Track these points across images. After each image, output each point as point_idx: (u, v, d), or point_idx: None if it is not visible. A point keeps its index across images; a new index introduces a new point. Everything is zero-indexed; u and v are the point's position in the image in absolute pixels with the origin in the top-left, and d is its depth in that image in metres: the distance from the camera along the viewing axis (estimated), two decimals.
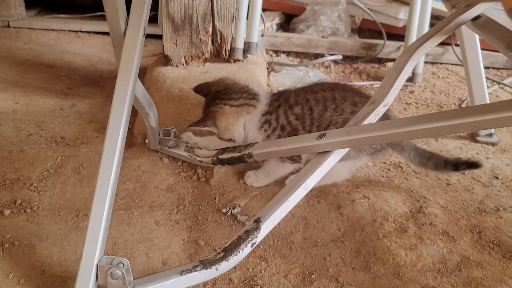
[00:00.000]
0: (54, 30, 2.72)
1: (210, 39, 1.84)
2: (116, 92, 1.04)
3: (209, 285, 1.07)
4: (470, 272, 1.14)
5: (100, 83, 2.13)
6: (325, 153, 1.18)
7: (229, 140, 1.40)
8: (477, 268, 1.16)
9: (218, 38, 1.85)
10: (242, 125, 1.37)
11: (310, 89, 1.37)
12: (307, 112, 1.32)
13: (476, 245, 1.24)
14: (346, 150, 1.20)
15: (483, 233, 1.28)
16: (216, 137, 1.43)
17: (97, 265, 0.91)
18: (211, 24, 1.80)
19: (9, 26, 2.70)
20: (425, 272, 1.14)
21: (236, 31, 1.87)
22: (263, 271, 1.12)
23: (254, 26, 1.94)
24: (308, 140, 1.21)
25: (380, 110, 1.24)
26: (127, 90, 1.03)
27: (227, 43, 1.87)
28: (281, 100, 1.36)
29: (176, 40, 1.80)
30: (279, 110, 1.34)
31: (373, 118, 1.23)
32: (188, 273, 0.99)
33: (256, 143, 1.35)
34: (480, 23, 1.33)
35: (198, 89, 1.45)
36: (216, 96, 1.38)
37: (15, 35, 2.62)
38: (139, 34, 1.05)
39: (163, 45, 1.82)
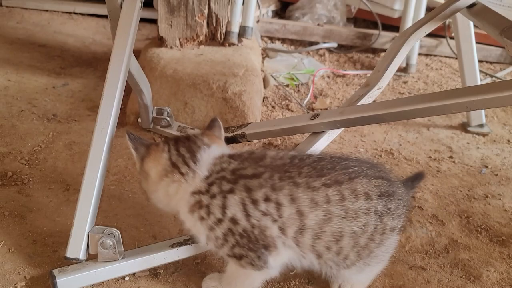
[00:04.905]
0: (47, 11, 2.69)
1: (205, 21, 1.83)
2: (111, 64, 1.03)
3: (199, 260, 1.08)
4: (458, 254, 1.16)
5: (94, 64, 2.12)
6: (318, 133, 1.19)
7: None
8: (464, 250, 1.18)
9: (214, 21, 1.84)
10: (165, 191, 0.92)
11: (299, 181, 0.86)
12: (291, 214, 0.85)
13: (464, 229, 1.26)
14: (339, 131, 1.20)
15: (471, 218, 1.30)
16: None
17: (88, 234, 0.91)
18: (207, 6, 1.79)
19: (1, 5, 2.66)
20: (414, 253, 1.16)
21: (231, 14, 1.86)
22: None
23: (250, 10, 1.93)
24: (302, 120, 1.22)
25: (374, 93, 1.25)
26: (122, 62, 1.03)
27: (222, 26, 1.86)
28: (239, 182, 0.86)
29: (171, 22, 1.79)
30: (231, 196, 0.86)
31: (367, 100, 1.24)
32: (179, 246, 1.00)
33: (250, 123, 1.36)
34: (476, 10, 1.34)
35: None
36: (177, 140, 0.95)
37: (7, 14, 2.59)
38: (135, 7, 1.05)
39: (157, 26, 1.80)
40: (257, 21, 2.31)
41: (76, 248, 0.90)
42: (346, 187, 0.86)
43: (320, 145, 1.17)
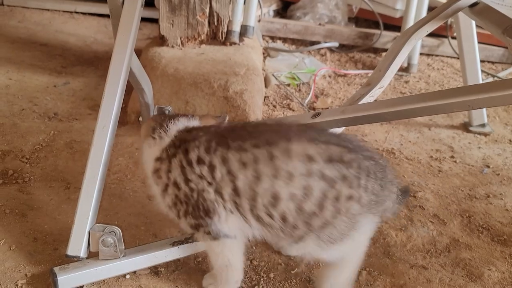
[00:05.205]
0: (48, 10, 2.69)
1: (206, 20, 1.83)
2: (113, 62, 1.03)
3: (200, 258, 1.07)
4: (459, 253, 1.16)
5: (95, 63, 2.12)
6: None
7: None
8: (465, 249, 1.17)
9: (215, 20, 1.84)
10: (144, 152, 0.97)
11: (232, 144, 0.86)
12: (223, 176, 0.86)
13: (466, 229, 1.25)
14: (340, 130, 1.20)
15: (472, 218, 1.29)
16: None
17: (89, 232, 0.91)
18: (208, 5, 1.79)
19: (3, 4, 2.66)
20: (415, 252, 1.16)
21: (233, 13, 1.86)
22: (254, 247, 1.13)
23: (251, 10, 1.93)
24: (303, 119, 1.21)
25: (375, 92, 1.25)
26: (123, 60, 1.02)
27: (223, 25, 1.86)
28: (181, 146, 0.90)
29: (173, 21, 1.79)
30: (173, 160, 0.90)
31: (368, 99, 1.24)
32: (180, 244, 0.99)
33: (250, 122, 1.35)
34: (478, 9, 1.33)
35: None
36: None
37: (9, 13, 2.59)
38: (137, 5, 1.04)
39: (159, 25, 1.81)
40: (259, 21, 2.31)
41: (77, 246, 0.90)
42: (278, 147, 0.84)
43: None
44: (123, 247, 0.95)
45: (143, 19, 2.49)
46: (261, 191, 0.84)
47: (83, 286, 0.95)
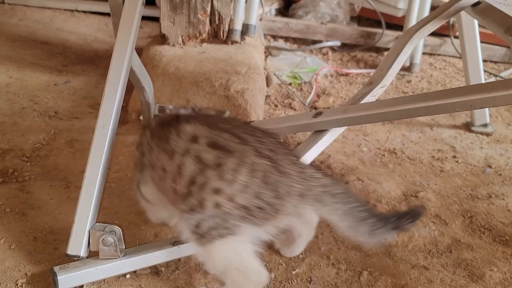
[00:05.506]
0: (49, 8, 2.69)
1: (208, 19, 1.82)
2: (113, 61, 1.03)
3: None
4: (460, 253, 1.15)
5: (95, 61, 2.11)
6: (320, 131, 1.18)
7: None
8: (467, 250, 1.17)
9: (216, 18, 1.84)
10: None
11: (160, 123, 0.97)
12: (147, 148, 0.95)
13: (467, 229, 1.25)
14: (342, 129, 1.19)
15: (474, 218, 1.29)
16: None
17: (89, 231, 0.91)
18: (210, 4, 1.79)
19: (3, 3, 2.66)
20: (416, 253, 1.15)
21: (234, 12, 1.86)
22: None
23: (253, 8, 1.93)
24: (304, 118, 1.21)
25: (377, 91, 1.24)
26: (124, 58, 1.02)
27: (225, 24, 1.86)
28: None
29: (174, 19, 1.78)
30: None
31: (370, 98, 1.23)
32: (181, 244, 0.99)
33: (252, 121, 1.35)
34: (480, 9, 1.32)
35: None
36: None
37: (9, 11, 2.59)
38: (138, 3, 1.04)
39: (160, 24, 1.80)
40: (260, 19, 2.30)
41: (77, 245, 0.90)
42: (176, 127, 0.88)
43: (323, 144, 1.16)
44: (124, 247, 0.94)
45: (144, 18, 2.48)
46: (158, 164, 0.90)
47: (83, 285, 0.95)
